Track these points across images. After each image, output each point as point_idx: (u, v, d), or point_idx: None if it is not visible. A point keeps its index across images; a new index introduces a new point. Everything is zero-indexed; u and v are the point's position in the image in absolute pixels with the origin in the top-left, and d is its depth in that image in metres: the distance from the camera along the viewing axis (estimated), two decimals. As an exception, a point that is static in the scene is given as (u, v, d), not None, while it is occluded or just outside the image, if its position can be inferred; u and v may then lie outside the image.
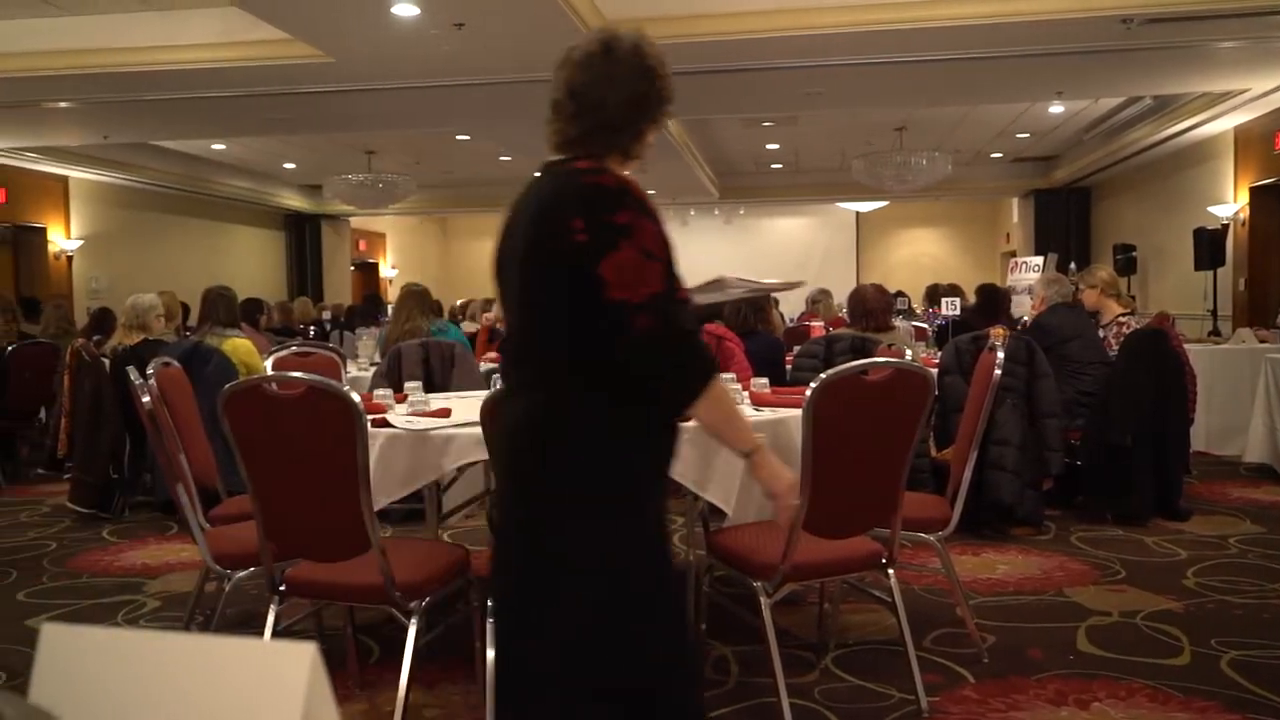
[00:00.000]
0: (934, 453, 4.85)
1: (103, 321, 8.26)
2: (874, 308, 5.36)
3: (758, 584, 2.74)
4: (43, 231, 11.73)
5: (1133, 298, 10.44)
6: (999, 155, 14.61)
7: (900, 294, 10.27)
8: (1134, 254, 12.28)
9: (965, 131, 12.56)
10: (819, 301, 9.25)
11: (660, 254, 1.71)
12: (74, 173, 12.05)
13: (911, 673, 2.87)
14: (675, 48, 7.08)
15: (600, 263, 1.64)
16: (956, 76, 8.10)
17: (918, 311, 10.34)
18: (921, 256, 19.49)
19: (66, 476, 6.07)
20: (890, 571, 2.89)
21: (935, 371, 4.64)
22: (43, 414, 7.07)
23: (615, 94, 1.77)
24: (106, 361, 5.75)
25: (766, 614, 2.72)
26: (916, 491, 3.55)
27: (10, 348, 6.74)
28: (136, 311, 5.86)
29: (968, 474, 3.24)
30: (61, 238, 11.97)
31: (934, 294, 9.31)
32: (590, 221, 1.65)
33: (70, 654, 0.50)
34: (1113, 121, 11.80)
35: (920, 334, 7.32)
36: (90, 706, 0.48)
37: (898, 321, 6.43)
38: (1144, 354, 5.17)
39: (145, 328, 5.83)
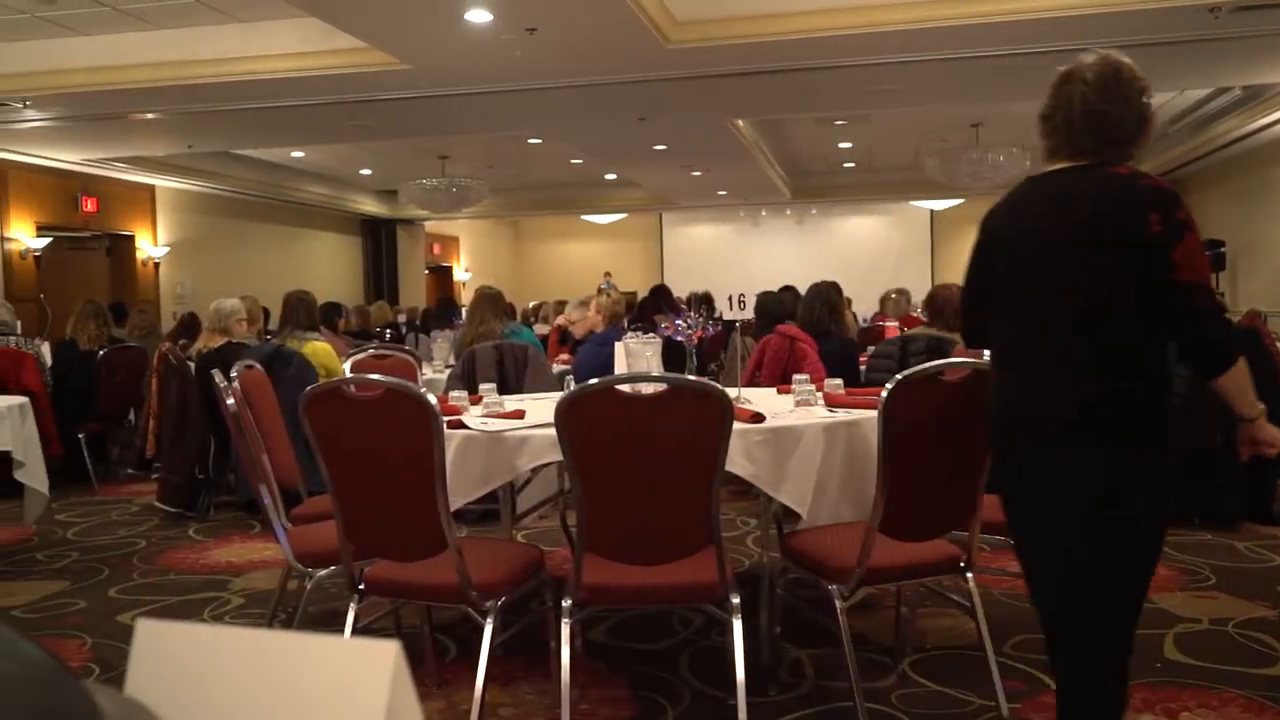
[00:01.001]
0: (1013, 454, 4.75)
1: (190, 326, 8.49)
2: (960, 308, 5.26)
3: (833, 587, 2.72)
4: (131, 239, 12.12)
5: (1221, 295, 10.11)
6: (1079, 150, 14.25)
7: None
8: (1223, 250, 11.89)
9: (1044, 127, 12.27)
10: (893, 299, 9.15)
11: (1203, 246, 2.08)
12: (160, 182, 12.43)
13: (992, 679, 2.81)
14: (745, 47, 7.05)
15: (1173, 250, 1.97)
16: (1036, 70, 7.86)
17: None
18: (999, 255, 19.10)
19: (154, 476, 6.26)
20: (969, 575, 2.84)
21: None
22: (132, 416, 7.29)
23: (1129, 112, 2.13)
24: (192, 365, 5.91)
25: (842, 618, 2.69)
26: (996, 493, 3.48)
27: (101, 351, 6.97)
28: (219, 316, 6.02)
29: (1049, 476, 3.17)
30: (149, 244, 12.35)
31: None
32: (1164, 216, 1.99)
33: (163, 649, 0.51)
34: (1200, 113, 11.43)
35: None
36: (182, 700, 0.49)
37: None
38: (1234, 353, 4.99)
39: (227, 331, 5.98)
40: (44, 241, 10.71)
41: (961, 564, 2.82)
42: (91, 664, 3.46)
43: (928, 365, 2.65)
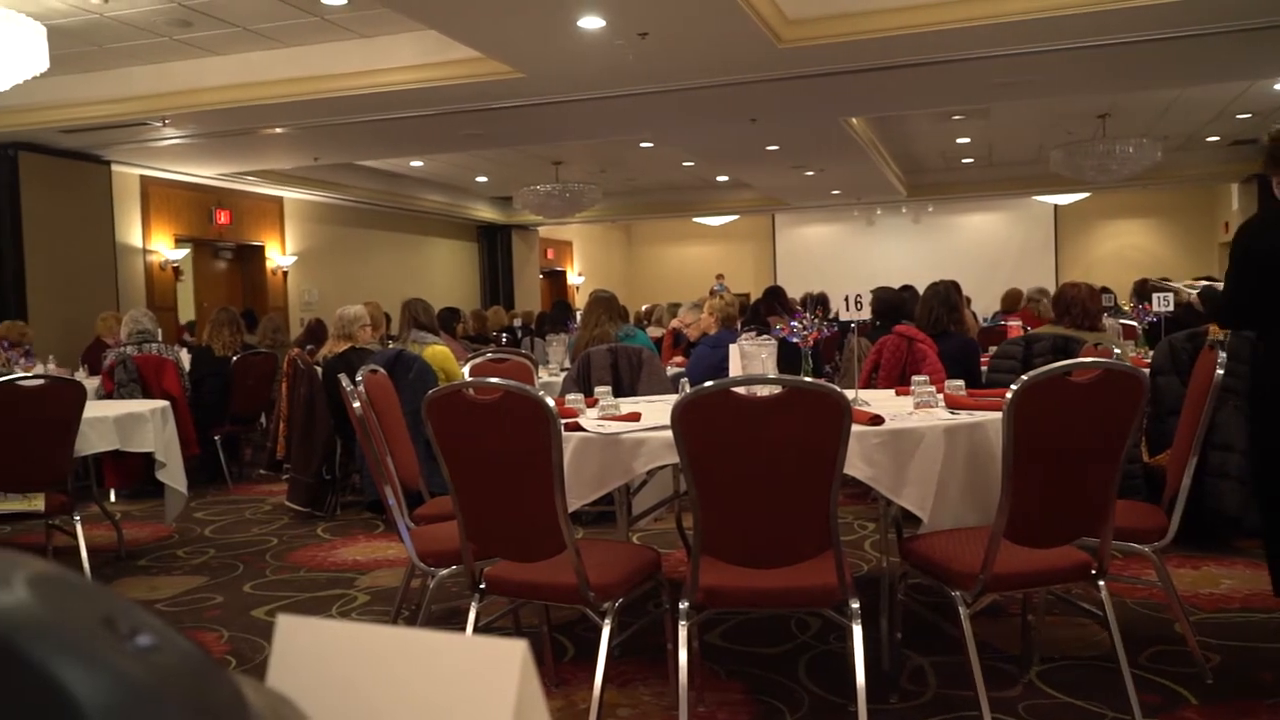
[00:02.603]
0: (1147, 458, 4.56)
1: (316, 332, 8.80)
2: (1092, 308, 5.08)
3: (956, 593, 2.65)
4: (261, 249, 12.64)
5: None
6: (1215, 139, 13.61)
7: (1105, 290, 9.72)
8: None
9: (1176, 115, 11.77)
10: (1035, 300, 8.95)
11: None
12: (287, 193, 12.93)
13: (1125, 691, 2.70)
14: (858, 44, 6.95)
15: None
16: (1166, 57, 7.60)
17: (1125, 308, 9.75)
18: (1127, 249, 18.39)
19: (284, 477, 6.50)
20: (1101, 583, 2.73)
21: (1147, 372, 4.37)
22: (263, 419, 7.59)
23: None
24: (319, 369, 6.12)
25: (966, 625, 2.61)
26: (1128, 499, 3.35)
27: (234, 357, 7.27)
28: (343, 322, 6.22)
29: (1186, 481, 3.03)
30: (278, 254, 12.86)
31: (1143, 289, 8.76)
32: None
33: (301, 643, 0.52)
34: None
35: (1129, 332, 6.89)
36: (320, 693, 0.50)
37: (1104, 319, 6.08)
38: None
39: (352, 337, 6.17)
40: (182, 253, 11.26)
41: (1093, 571, 2.71)
42: (229, 656, 3.61)
43: (1056, 365, 2.55)
